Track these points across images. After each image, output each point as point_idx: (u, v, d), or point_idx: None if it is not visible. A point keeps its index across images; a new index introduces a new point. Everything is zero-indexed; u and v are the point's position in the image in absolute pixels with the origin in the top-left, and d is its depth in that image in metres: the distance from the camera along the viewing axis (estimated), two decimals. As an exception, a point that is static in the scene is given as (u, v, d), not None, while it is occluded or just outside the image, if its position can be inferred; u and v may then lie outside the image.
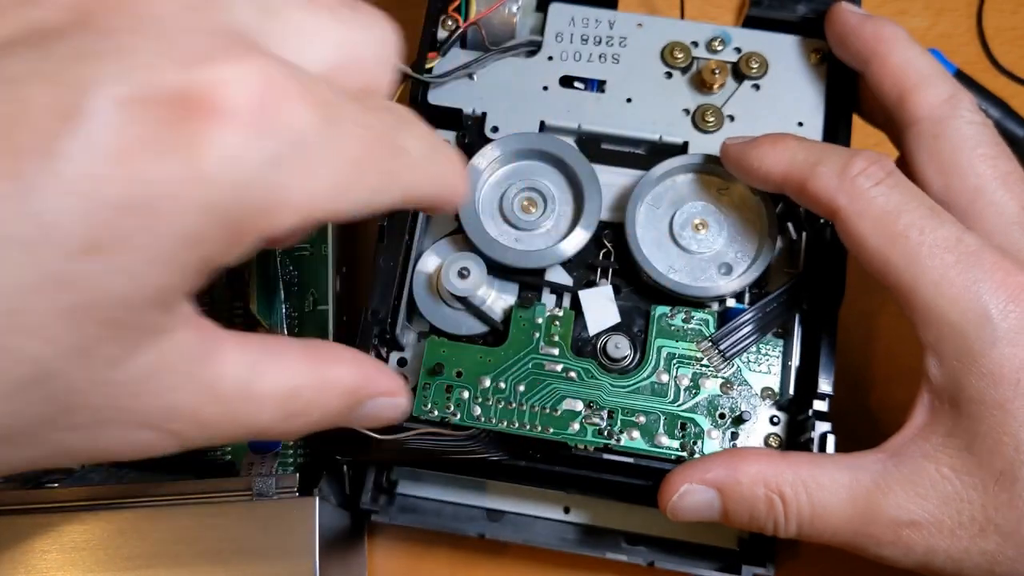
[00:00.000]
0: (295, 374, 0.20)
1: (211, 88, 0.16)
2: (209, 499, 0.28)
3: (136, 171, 0.15)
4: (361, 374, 0.22)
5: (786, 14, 0.36)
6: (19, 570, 0.27)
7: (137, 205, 0.15)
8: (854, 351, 0.39)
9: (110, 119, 0.15)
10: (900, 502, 0.26)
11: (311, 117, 0.17)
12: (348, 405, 0.22)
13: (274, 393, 0.20)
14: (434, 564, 0.37)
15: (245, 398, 0.19)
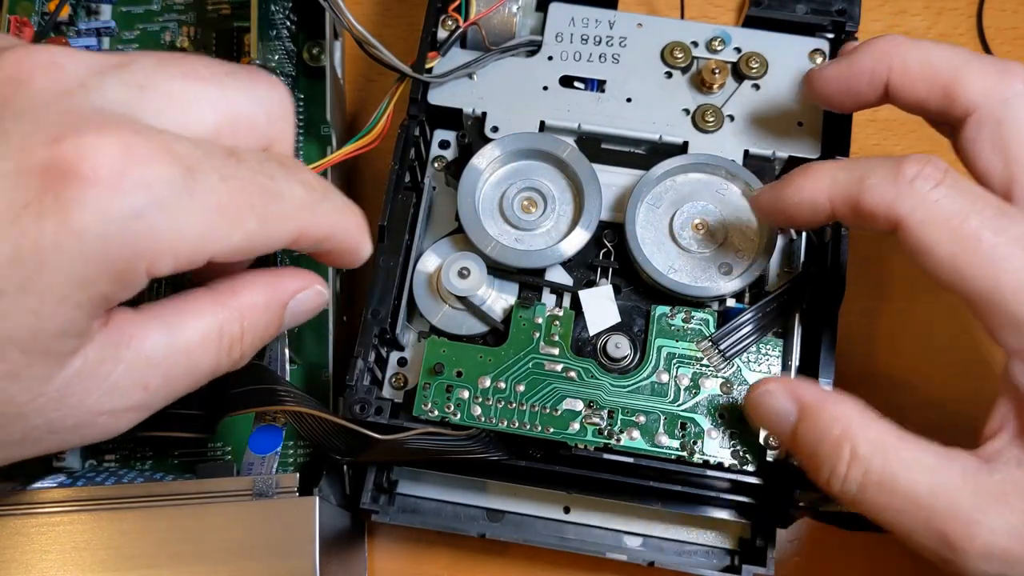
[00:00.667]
0: (211, 316, 0.23)
1: (76, 158, 0.19)
2: (209, 499, 0.28)
3: (21, 230, 0.18)
4: (267, 288, 0.25)
5: (786, 14, 0.36)
6: (19, 570, 0.27)
7: (26, 258, 0.19)
8: (855, 350, 0.39)
9: (4, 188, 0.18)
10: (986, 507, 0.25)
11: (168, 173, 0.20)
12: (272, 318, 0.25)
13: (202, 339, 0.23)
14: (434, 564, 0.37)
15: (178, 355, 0.23)
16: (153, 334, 0.22)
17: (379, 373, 0.33)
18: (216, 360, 0.24)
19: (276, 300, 0.25)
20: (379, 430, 0.30)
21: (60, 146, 0.19)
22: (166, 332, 0.23)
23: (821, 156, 0.34)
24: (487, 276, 0.32)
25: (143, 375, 0.22)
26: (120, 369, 0.22)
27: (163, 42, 0.39)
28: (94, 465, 0.34)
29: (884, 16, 0.44)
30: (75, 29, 0.39)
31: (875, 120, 0.42)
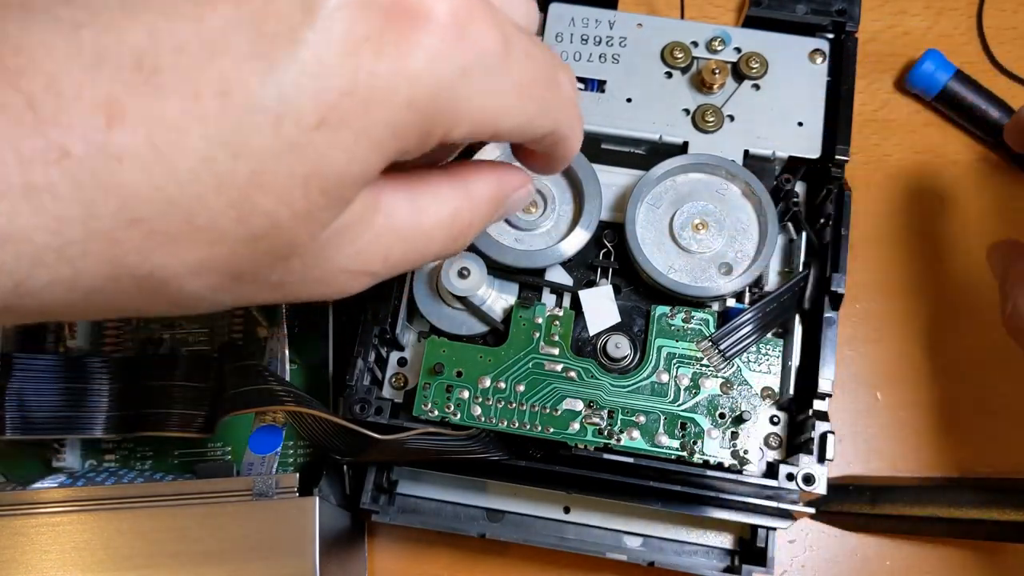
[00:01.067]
0: (451, 200, 0.23)
1: (423, 1, 0.18)
2: (209, 499, 0.28)
3: (359, 63, 0.18)
4: (497, 179, 0.25)
5: (786, 14, 0.36)
6: (19, 570, 0.27)
7: (358, 92, 0.18)
8: (855, 351, 0.39)
9: (341, 17, 0.18)
10: None
11: (495, 39, 0.20)
12: (495, 208, 0.25)
13: (440, 221, 0.23)
14: (434, 564, 0.37)
15: (419, 232, 0.22)
16: (402, 207, 0.22)
17: (379, 373, 0.33)
18: (444, 244, 0.24)
19: (503, 193, 0.25)
20: (379, 430, 0.30)
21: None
22: (412, 208, 0.22)
23: (821, 156, 0.34)
24: (487, 276, 0.32)
25: (387, 245, 0.22)
26: (370, 234, 0.21)
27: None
28: (94, 465, 0.34)
29: (884, 16, 0.44)
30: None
31: (875, 120, 0.42)
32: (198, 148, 0.17)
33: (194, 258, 0.18)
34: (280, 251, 0.20)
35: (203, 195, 0.18)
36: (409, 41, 0.18)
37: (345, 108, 0.18)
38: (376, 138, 0.19)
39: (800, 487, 0.30)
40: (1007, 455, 0.38)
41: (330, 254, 0.21)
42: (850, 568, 0.37)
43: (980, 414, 0.38)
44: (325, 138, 0.18)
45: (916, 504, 0.35)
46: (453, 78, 0.19)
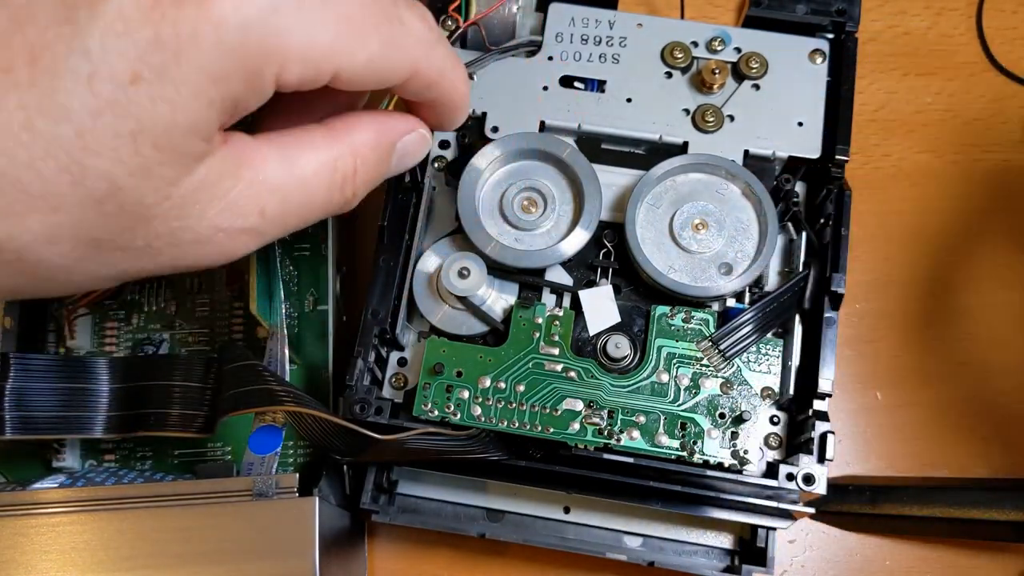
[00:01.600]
0: (326, 151, 0.23)
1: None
2: (209, 499, 0.28)
3: (162, 14, 0.18)
4: (378, 127, 0.25)
5: (786, 14, 0.36)
6: (19, 570, 0.27)
7: (165, 43, 0.18)
8: (855, 351, 0.39)
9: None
10: None
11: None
12: (382, 157, 0.25)
13: (317, 171, 0.23)
14: (434, 564, 0.37)
15: (294, 183, 0.22)
16: (271, 160, 0.22)
17: (379, 373, 0.33)
18: (329, 195, 0.24)
19: (387, 139, 0.25)
20: (379, 430, 0.30)
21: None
22: (283, 160, 0.22)
23: (821, 156, 0.34)
24: (487, 276, 0.32)
25: (260, 198, 0.22)
26: (239, 187, 0.21)
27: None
28: (94, 465, 0.34)
29: (884, 16, 0.44)
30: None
31: (875, 120, 0.42)
32: (16, 116, 0.18)
33: (39, 226, 0.19)
34: (132, 212, 0.20)
35: (30, 162, 0.18)
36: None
37: (156, 60, 0.18)
38: (196, 85, 0.19)
39: (800, 487, 0.30)
40: (1007, 455, 0.38)
41: (196, 211, 0.21)
42: (850, 568, 0.37)
43: (980, 414, 0.38)
44: (143, 92, 0.18)
45: (916, 504, 0.35)
46: (261, 15, 0.19)
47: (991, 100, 0.42)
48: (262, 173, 0.22)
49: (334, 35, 0.21)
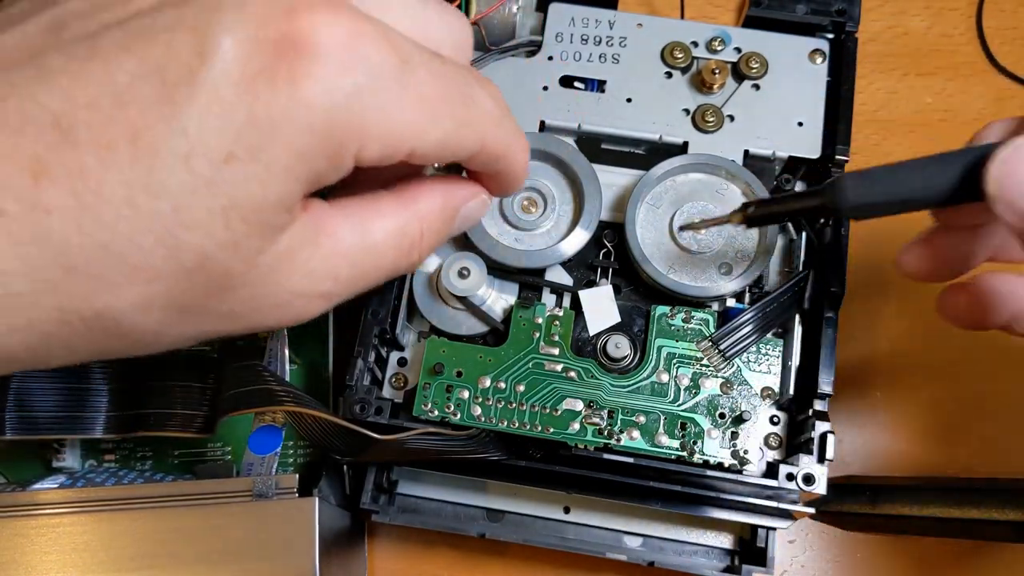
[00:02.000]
0: (394, 217, 0.24)
1: (309, 32, 0.19)
2: (209, 499, 0.28)
3: (256, 97, 0.19)
4: (443, 194, 0.26)
5: (786, 14, 0.36)
6: (19, 571, 0.27)
7: (258, 124, 0.19)
8: (855, 351, 0.39)
9: (234, 57, 0.19)
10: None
11: (387, 56, 0.21)
12: (446, 222, 0.26)
13: (386, 238, 0.24)
14: (434, 564, 0.37)
15: (365, 249, 0.24)
16: (345, 227, 0.23)
17: (379, 373, 0.33)
18: (396, 259, 0.25)
19: (451, 206, 0.26)
20: (379, 430, 0.30)
21: (295, 18, 0.19)
22: (356, 227, 0.23)
23: (821, 156, 0.34)
24: (487, 276, 0.32)
25: (335, 265, 0.23)
26: (317, 255, 0.22)
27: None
28: (94, 465, 0.34)
29: (884, 16, 0.44)
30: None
31: (875, 120, 0.42)
32: (118, 193, 0.18)
33: (135, 296, 0.20)
34: (219, 281, 0.21)
35: (131, 236, 0.19)
36: (299, 70, 0.19)
37: (249, 140, 0.19)
38: (284, 164, 0.20)
39: (800, 487, 0.30)
40: (1007, 455, 0.38)
41: (278, 279, 0.22)
42: (850, 568, 0.37)
43: (979, 414, 0.38)
44: (236, 171, 0.19)
45: (916, 504, 0.35)
46: (346, 99, 0.20)
47: (991, 100, 0.42)
48: (337, 240, 0.23)
49: (412, 117, 0.22)
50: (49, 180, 0.18)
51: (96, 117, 0.18)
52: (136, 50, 0.19)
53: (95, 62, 0.19)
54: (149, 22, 0.19)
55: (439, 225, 0.26)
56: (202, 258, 0.20)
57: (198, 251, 0.20)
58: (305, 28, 0.20)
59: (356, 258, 0.23)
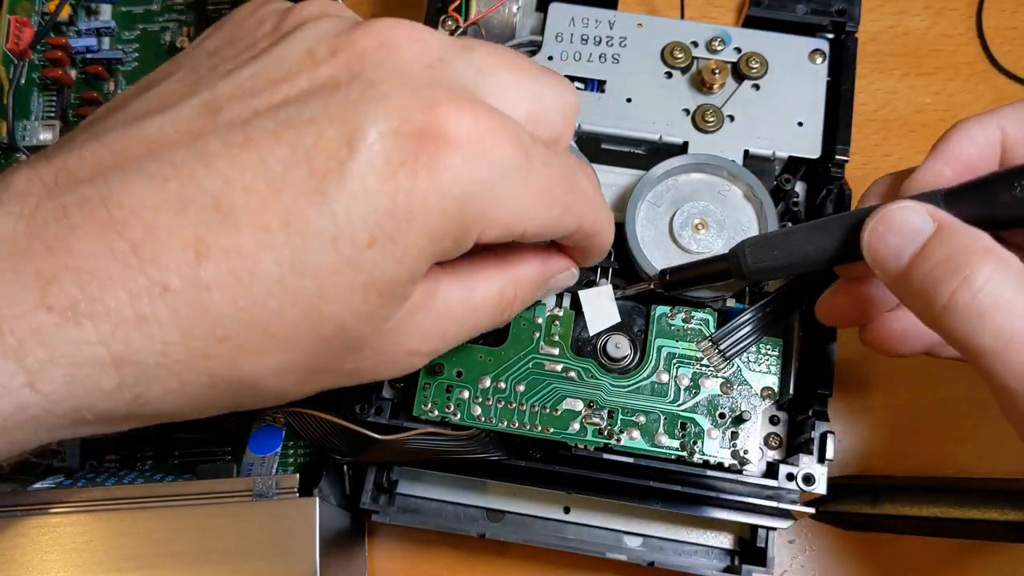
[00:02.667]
0: (496, 281, 0.26)
1: (446, 126, 0.21)
2: (209, 499, 0.28)
3: (398, 185, 0.21)
4: (541, 263, 0.28)
5: (786, 14, 0.36)
6: (19, 571, 0.27)
7: (399, 211, 0.21)
8: (855, 351, 0.39)
9: (380, 147, 0.21)
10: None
11: (514, 151, 0.22)
12: (538, 289, 0.28)
13: (486, 301, 0.26)
14: (434, 564, 0.37)
15: (469, 311, 0.25)
16: (454, 289, 0.25)
17: (379, 373, 0.33)
18: (491, 319, 0.27)
19: (545, 274, 0.28)
20: (379, 430, 0.30)
21: (434, 113, 0.21)
22: (463, 289, 0.25)
23: (821, 156, 0.34)
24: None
25: (444, 325, 0.25)
26: (431, 317, 0.24)
27: (163, 42, 0.39)
28: (94, 465, 0.34)
29: (884, 16, 0.44)
30: (75, 29, 0.39)
31: (875, 120, 0.42)
32: (271, 272, 0.20)
33: (276, 362, 0.21)
34: (350, 346, 0.22)
35: (278, 310, 0.20)
36: (438, 161, 0.21)
37: (390, 226, 0.21)
38: (419, 247, 0.22)
39: (800, 487, 0.30)
40: (1007, 455, 0.38)
41: (397, 340, 0.24)
42: (850, 568, 0.37)
43: (980, 414, 0.38)
44: (377, 253, 0.21)
45: (916, 504, 0.35)
46: (477, 190, 0.22)
47: (991, 100, 0.42)
48: (447, 302, 0.25)
49: (529, 205, 0.23)
50: (210, 259, 0.20)
51: (252, 201, 0.20)
52: (287, 139, 0.20)
53: (250, 150, 0.20)
54: (297, 112, 0.21)
55: (531, 290, 0.28)
56: (339, 328, 0.22)
57: (337, 322, 0.21)
58: (443, 123, 0.21)
59: (461, 318, 0.25)
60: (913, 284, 0.24)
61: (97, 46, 0.39)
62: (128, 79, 0.39)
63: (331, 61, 0.22)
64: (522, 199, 0.23)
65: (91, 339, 0.19)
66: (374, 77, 0.21)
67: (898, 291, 0.25)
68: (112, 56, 0.39)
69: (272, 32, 0.23)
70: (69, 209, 0.20)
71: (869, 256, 0.25)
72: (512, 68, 0.24)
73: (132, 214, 0.20)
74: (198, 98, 0.22)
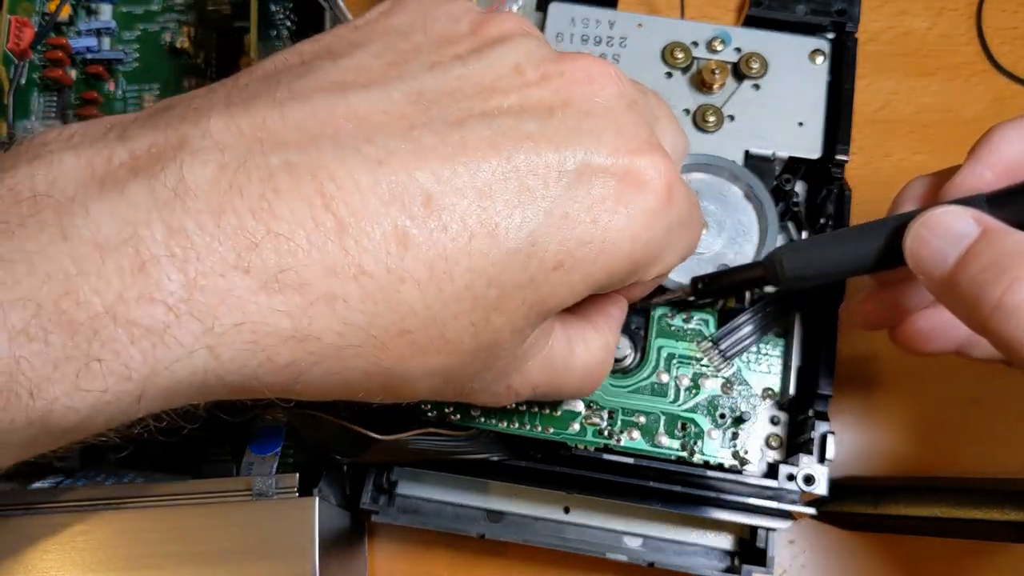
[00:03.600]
0: (596, 349, 0.26)
1: (644, 170, 0.22)
2: (209, 499, 0.28)
3: (596, 218, 0.21)
4: (619, 321, 0.27)
5: (786, 14, 0.36)
6: (19, 570, 0.27)
7: (593, 244, 0.21)
8: (855, 351, 0.39)
9: (587, 181, 0.21)
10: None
11: (689, 203, 0.24)
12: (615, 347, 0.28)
13: (584, 366, 0.26)
14: (434, 564, 0.37)
15: (566, 370, 0.25)
16: (560, 345, 0.25)
17: (379, 373, 0.33)
18: (576, 390, 0.26)
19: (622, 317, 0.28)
20: (379, 430, 0.30)
21: (638, 157, 0.22)
22: (568, 346, 0.25)
23: (822, 156, 0.34)
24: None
25: (540, 372, 0.24)
26: (537, 358, 0.24)
27: (163, 42, 0.39)
28: (94, 465, 0.34)
29: (884, 16, 0.44)
30: (75, 29, 0.39)
31: (875, 120, 0.42)
32: (464, 277, 0.20)
33: (432, 364, 0.21)
34: (489, 362, 0.23)
35: (458, 314, 0.21)
36: (636, 204, 0.22)
37: (579, 255, 0.21)
38: (595, 279, 0.22)
39: (800, 487, 0.30)
40: (1007, 455, 0.38)
41: (509, 371, 0.24)
42: (850, 568, 0.37)
43: (979, 414, 0.38)
44: (559, 277, 0.21)
45: (916, 504, 0.35)
46: (664, 235, 0.23)
47: (991, 100, 0.42)
48: (552, 349, 0.25)
49: (683, 252, 0.25)
50: (409, 251, 0.20)
51: (462, 204, 0.20)
52: (504, 151, 0.21)
53: (466, 152, 0.20)
54: (514, 125, 0.21)
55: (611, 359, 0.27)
56: (496, 340, 0.22)
57: (497, 333, 0.22)
58: (645, 168, 0.22)
59: (556, 373, 0.25)
60: (959, 288, 0.24)
61: (97, 46, 0.39)
62: (128, 79, 0.39)
63: (542, 84, 0.22)
64: (683, 246, 0.24)
65: (279, 309, 0.19)
66: (584, 109, 0.22)
67: (942, 295, 0.25)
68: (112, 56, 0.39)
69: (472, 34, 0.23)
70: (275, 172, 0.19)
71: (912, 261, 0.25)
72: (668, 115, 0.26)
73: (341, 191, 0.19)
74: (406, 84, 0.21)
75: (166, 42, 0.39)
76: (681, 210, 0.23)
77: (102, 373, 0.17)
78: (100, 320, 0.17)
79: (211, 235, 0.18)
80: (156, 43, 0.39)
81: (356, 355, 0.20)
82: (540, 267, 0.21)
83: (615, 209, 0.21)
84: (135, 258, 0.17)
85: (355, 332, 0.20)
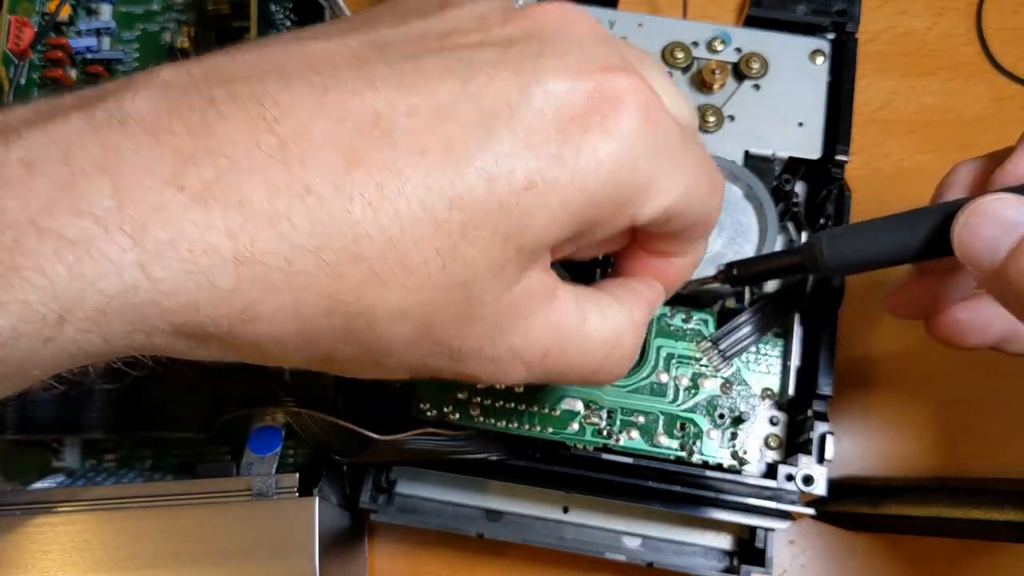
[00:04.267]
0: (616, 322, 0.24)
1: (616, 87, 0.21)
2: (209, 499, 0.28)
3: (566, 137, 0.20)
4: (650, 302, 0.25)
5: (786, 14, 0.36)
6: (19, 570, 0.27)
7: (564, 162, 0.20)
8: (855, 351, 0.39)
9: (554, 99, 0.20)
10: None
11: (676, 127, 0.22)
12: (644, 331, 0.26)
13: (601, 336, 0.24)
14: (434, 564, 0.37)
15: (579, 338, 0.23)
16: (571, 306, 0.23)
17: (379, 373, 0.33)
18: (599, 367, 0.24)
19: (649, 317, 0.26)
20: (379, 430, 0.30)
21: (608, 76, 0.21)
22: (580, 312, 0.23)
23: (822, 156, 0.34)
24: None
25: (548, 337, 0.23)
26: (540, 318, 0.22)
27: (163, 42, 0.39)
28: (94, 465, 0.34)
29: (884, 16, 0.44)
30: (75, 29, 0.39)
31: (875, 120, 0.42)
32: (420, 196, 0.19)
33: (397, 302, 0.20)
34: (468, 307, 0.21)
35: (419, 239, 0.19)
36: (609, 122, 0.20)
37: (551, 175, 0.20)
38: (576, 204, 0.20)
39: (799, 488, 0.30)
40: (1007, 455, 0.38)
41: (505, 328, 0.22)
42: (850, 568, 0.37)
43: (980, 414, 0.38)
44: (531, 199, 0.20)
45: (916, 504, 0.35)
46: (645, 154, 0.21)
47: (991, 100, 0.42)
48: (560, 315, 0.23)
49: (685, 185, 0.22)
50: (359, 168, 0.19)
51: (415, 124, 0.19)
52: (459, 75, 0.20)
53: (420, 77, 0.20)
54: (471, 55, 0.20)
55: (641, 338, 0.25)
56: (470, 276, 0.20)
57: (470, 265, 0.20)
58: (616, 86, 0.21)
59: (569, 342, 0.23)
60: (1010, 279, 0.23)
61: (97, 46, 0.39)
62: (128, 79, 0.39)
63: (506, 25, 0.21)
64: (681, 177, 0.22)
65: (218, 225, 0.18)
66: (550, 39, 0.21)
67: (992, 286, 0.24)
68: (112, 56, 0.39)
69: (439, 6, 0.22)
70: (217, 100, 0.18)
71: (961, 251, 0.24)
72: (662, 71, 0.25)
73: (286, 113, 0.18)
74: (365, 35, 0.21)
75: (166, 42, 0.39)
76: (669, 137, 0.22)
77: (22, 285, 0.17)
78: (21, 229, 0.17)
79: (146, 154, 0.18)
80: (156, 43, 0.39)
81: (309, 285, 0.19)
82: (509, 189, 0.20)
83: (587, 127, 0.20)
84: (64, 173, 0.17)
85: (304, 256, 0.18)
